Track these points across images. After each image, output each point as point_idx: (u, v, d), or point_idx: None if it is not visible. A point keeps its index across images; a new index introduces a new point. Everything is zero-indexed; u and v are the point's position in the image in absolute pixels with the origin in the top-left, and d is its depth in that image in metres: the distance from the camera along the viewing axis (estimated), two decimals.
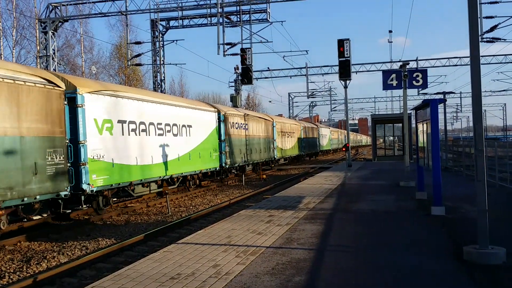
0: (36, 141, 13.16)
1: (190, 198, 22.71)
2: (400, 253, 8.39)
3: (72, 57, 44.39)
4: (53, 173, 13.60)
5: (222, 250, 8.71)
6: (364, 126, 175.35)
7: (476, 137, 7.76)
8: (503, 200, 14.56)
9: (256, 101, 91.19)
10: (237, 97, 43.78)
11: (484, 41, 28.34)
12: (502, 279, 6.86)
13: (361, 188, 19.01)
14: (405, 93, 18.36)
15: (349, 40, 27.78)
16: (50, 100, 13.75)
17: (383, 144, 53.48)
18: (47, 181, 13.40)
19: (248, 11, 30.21)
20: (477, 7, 7.99)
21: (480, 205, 7.77)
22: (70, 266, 10.58)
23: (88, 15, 31.93)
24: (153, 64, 33.94)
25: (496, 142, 22.68)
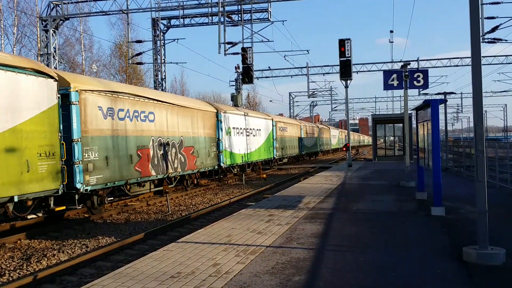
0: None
1: (190, 197, 22.71)
2: (399, 253, 8.39)
3: (73, 56, 44.45)
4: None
5: (222, 249, 8.71)
6: (364, 126, 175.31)
7: (476, 137, 7.76)
8: (503, 201, 14.56)
9: (256, 100, 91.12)
10: (238, 97, 43.79)
11: (486, 41, 28.36)
12: (502, 280, 6.87)
13: (361, 188, 19.01)
14: (406, 93, 18.36)
15: (350, 40, 27.78)
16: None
17: (384, 144, 53.40)
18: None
19: (249, 11, 30.21)
20: (478, 8, 7.99)
21: (480, 206, 7.78)
22: (70, 264, 10.59)
23: (89, 13, 31.94)
24: (154, 63, 33.94)
25: (497, 142, 22.67)
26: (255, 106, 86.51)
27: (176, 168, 21.48)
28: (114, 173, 16.66)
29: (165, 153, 20.53)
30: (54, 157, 13.62)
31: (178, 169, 21.67)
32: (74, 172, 14.57)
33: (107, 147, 16.42)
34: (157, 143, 19.87)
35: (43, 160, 13.20)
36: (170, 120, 21.26)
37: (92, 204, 16.44)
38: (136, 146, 18.30)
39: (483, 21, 25.71)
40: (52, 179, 13.51)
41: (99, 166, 15.75)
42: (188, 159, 22.69)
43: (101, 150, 15.98)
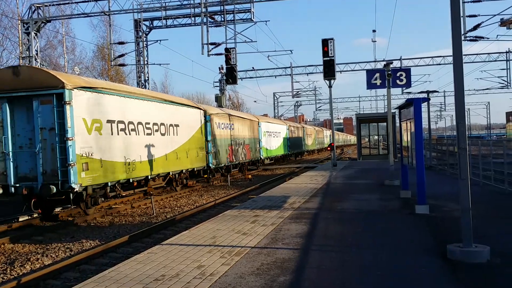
0: None
1: (175, 199, 22.62)
2: (384, 252, 8.40)
3: (55, 58, 44.05)
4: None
5: (207, 251, 8.66)
6: (349, 125, 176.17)
7: (459, 135, 7.79)
8: (487, 198, 14.67)
9: (239, 101, 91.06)
10: (222, 97, 43.70)
11: (468, 39, 28.60)
12: (486, 278, 6.89)
13: (346, 187, 19.05)
14: (389, 92, 18.43)
15: (333, 40, 27.84)
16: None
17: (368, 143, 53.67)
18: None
19: (232, 11, 30.14)
20: (459, 6, 8.03)
21: (464, 203, 7.81)
22: (54, 268, 10.48)
23: (71, 15, 31.64)
24: (137, 65, 33.74)
25: (480, 140, 22.86)
26: (238, 107, 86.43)
27: (244, 156, 34.77)
28: (221, 159, 29.41)
29: (237, 147, 32.73)
30: (203, 150, 26.42)
31: (244, 158, 34.73)
32: (209, 157, 27.17)
33: (221, 143, 29.43)
34: (235, 141, 32.42)
35: (200, 151, 25.87)
36: (237, 127, 33.24)
37: (212, 174, 29.28)
38: (226, 144, 30.59)
39: (465, 19, 25.90)
40: (203, 161, 26.48)
41: (216, 154, 28.34)
42: (247, 152, 35.59)
43: (215, 146, 28.27)
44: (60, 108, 14.87)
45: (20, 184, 15.26)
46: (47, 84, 14.95)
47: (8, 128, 15.30)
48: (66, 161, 14.82)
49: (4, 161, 15.31)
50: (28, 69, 16.09)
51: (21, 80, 15.10)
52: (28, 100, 15.12)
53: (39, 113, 15.05)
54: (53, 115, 14.90)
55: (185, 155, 23.91)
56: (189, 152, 24.38)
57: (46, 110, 15.00)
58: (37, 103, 15.03)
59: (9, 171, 15.28)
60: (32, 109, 15.13)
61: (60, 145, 14.86)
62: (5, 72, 15.83)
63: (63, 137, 14.85)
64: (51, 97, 14.90)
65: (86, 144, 15.60)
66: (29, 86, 14.99)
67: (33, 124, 15.16)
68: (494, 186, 16.44)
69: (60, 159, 14.87)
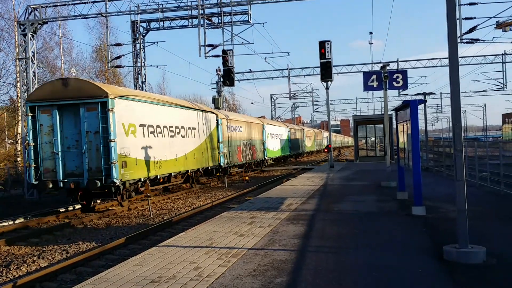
0: None
1: (172, 201, 22.61)
2: (381, 253, 8.42)
3: (52, 60, 43.97)
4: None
5: (204, 253, 8.67)
6: (346, 127, 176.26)
7: (455, 137, 7.82)
8: (483, 200, 14.70)
9: (235, 103, 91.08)
10: (219, 99, 43.70)
11: (464, 42, 28.62)
12: (482, 279, 6.91)
13: (343, 189, 19.07)
14: (386, 94, 18.47)
15: (330, 42, 27.85)
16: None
17: (365, 145, 53.74)
18: None
19: (229, 13, 30.09)
20: (455, 9, 8.06)
21: (460, 205, 7.84)
22: (50, 270, 10.48)
23: (68, 16, 31.57)
24: (134, 66, 33.71)
25: (476, 142, 22.89)
26: (235, 109, 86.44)
27: (251, 157, 37.60)
28: (231, 158, 32.18)
29: (244, 148, 35.75)
30: (216, 150, 28.98)
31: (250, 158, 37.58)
32: (220, 157, 29.61)
33: (230, 144, 32.17)
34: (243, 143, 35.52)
35: (213, 152, 28.59)
36: (244, 130, 36.26)
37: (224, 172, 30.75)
38: (236, 145, 33.46)
39: (461, 21, 25.94)
40: (216, 160, 29.04)
41: (227, 154, 31.02)
42: (254, 153, 38.47)
43: (225, 147, 30.80)
44: (104, 114, 17.44)
45: (67, 179, 17.79)
46: (93, 94, 17.55)
47: (57, 131, 17.89)
48: (109, 159, 17.34)
49: (54, 159, 17.92)
50: (76, 81, 18.72)
51: (69, 90, 17.72)
52: (75, 107, 17.69)
53: (86, 119, 17.62)
54: (98, 120, 17.45)
55: (201, 155, 26.68)
56: (204, 152, 27.21)
57: (91, 116, 17.59)
58: (84, 110, 17.61)
59: (58, 168, 17.86)
60: (79, 115, 17.69)
61: (104, 146, 17.39)
62: (55, 83, 18.56)
63: (106, 139, 17.38)
64: (96, 105, 17.46)
65: (124, 145, 18.15)
66: (76, 95, 17.61)
67: (79, 128, 17.72)
68: (490, 187, 16.49)
69: (104, 158, 17.39)
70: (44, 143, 18.03)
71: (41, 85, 20.90)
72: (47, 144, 18.00)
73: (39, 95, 18.24)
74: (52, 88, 18.23)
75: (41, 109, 18.03)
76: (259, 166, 42.38)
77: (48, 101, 17.87)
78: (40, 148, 18.06)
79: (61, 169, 17.83)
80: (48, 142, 17.98)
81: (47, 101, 17.87)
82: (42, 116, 18.02)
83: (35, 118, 18.07)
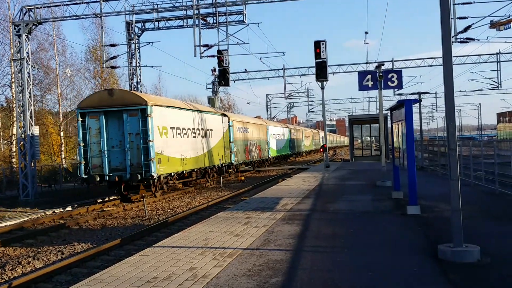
0: None
1: (168, 201, 22.61)
2: (376, 253, 8.43)
3: (46, 60, 43.85)
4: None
5: (199, 253, 8.66)
6: (342, 127, 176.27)
7: (449, 136, 7.84)
8: (478, 199, 14.73)
9: (230, 103, 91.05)
10: (215, 99, 43.69)
11: (458, 41, 28.69)
12: (477, 278, 6.93)
13: (338, 188, 19.09)
14: (381, 93, 18.50)
15: (325, 42, 27.88)
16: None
17: (361, 145, 53.89)
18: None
19: (224, 13, 30.10)
20: (449, 8, 8.08)
21: (454, 204, 7.86)
22: (45, 271, 10.48)
23: (62, 17, 31.51)
24: (129, 67, 33.67)
25: (471, 141, 22.96)
26: (230, 109, 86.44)
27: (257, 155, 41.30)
28: (240, 157, 35.75)
29: (251, 147, 39.21)
30: (228, 149, 32.26)
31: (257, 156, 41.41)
32: (232, 155, 33.23)
33: (239, 143, 35.67)
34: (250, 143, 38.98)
35: (226, 150, 31.90)
36: (251, 131, 39.79)
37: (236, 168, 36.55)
38: (244, 145, 37.03)
39: (455, 21, 26.00)
40: (228, 158, 32.33)
41: (237, 153, 34.59)
42: (259, 152, 42.04)
43: (236, 146, 34.42)
44: (143, 119, 21.03)
45: (112, 173, 21.22)
46: (134, 102, 21.20)
47: (104, 133, 21.32)
48: (148, 156, 20.90)
49: (101, 157, 21.35)
50: (119, 91, 22.71)
51: (114, 99, 21.31)
52: (119, 113, 21.23)
53: (128, 123, 21.14)
54: (139, 124, 21.05)
55: (217, 154, 30.47)
56: (219, 151, 31.01)
57: (133, 121, 21.13)
58: (127, 115, 21.16)
59: (104, 164, 21.31)
60: (122, 119, 21.22)
61: (144, 145, 20.96)
62: (102, 93, 22.66)
63: (146, 139, 20.96)
64: (137, 111, 21.06)
65: (159, 145, 21.74)
66: (120, 103, 21.17)
67: (122, 130, 21.24)
68: (485, 187, 16.52)
69: (144, 155, 20.92)
70: (92, 143, 21.50)
71: (89, 95, 25.40)
72: (95, 144, 21.48)
73: (88, 103, 21.94)
74: (100, 97, 22.04)
75: (90, 115, 21.53)
76: (263, 164, 45.86)
77: (96, 108, 21.41)
78: (89, 148, 21.50)
79: (107, 165, 21.28)
80: (96, 143, 21.46)
81: (95, 108, 21.42)
82: (91, 120, 21.51)
83: (85, 122, 21.58)
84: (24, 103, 26.96)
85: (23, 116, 27.17)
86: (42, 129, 43.51)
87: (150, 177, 21.02)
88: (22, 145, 27.44)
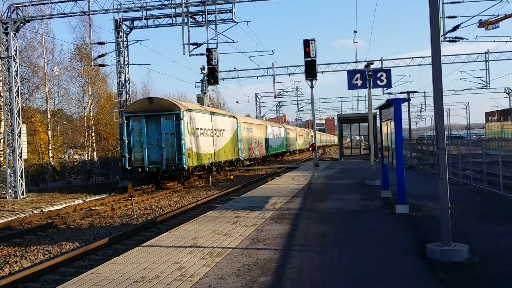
0: None
1: (156, 200, 22.52)
2: (365, 252, 8.43)
3: (34, 59, 43.52)
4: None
5: (188, 252, 8.61)
6: (331, 126, 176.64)
7: (438, 135, 7.85)
8: (466, 198, 14.80)
9: (219, 101, 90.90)
10: (204, 98, 43.55)
11: (447, 40, 28.80)
12: (465, 276, 6.95)
13: (328, 187, 19.11)
14: (370, 92, 18.54)
15: (314, 41, 27.94)
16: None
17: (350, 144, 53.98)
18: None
19: (213, 11, 29.95)
20: (438, 7, 8.09)
21: (443, 203, 7.87)
22: (33, 270, 10.38)
23: (50, 15, 31.23)
24: (118, 65, 33.46)
25: (460, 140, 23.07)
26: (219, 107, 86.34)
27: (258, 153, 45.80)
28: (247, 153, 40.72)
29: (254, 145, 43.70)
30: (236, 147, 36.91)
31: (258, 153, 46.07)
32: (239, 152, 38.06)
33: (245, 142, 40.14)
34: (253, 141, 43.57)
35: (235, 148, 36.85)
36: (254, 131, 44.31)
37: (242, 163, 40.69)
38: (249, 143, 41.80)
39: (444, 20, 26.08)
40: (237, 155, 37.33)
41: (243, 150, 38.99)
42: (260, 149, 47.04)
43: (242, 143, 39.10)
44: (177, 122, 26.12)
45: (151, 166, 26.26)
46: (170, 108, 26.52)
47: (144, 133, 26.31)
48: (181, 152, 26.00)
49: (142, 152, 26.32)
50: (158, 99, 28.02)
51: (153, 105, 26.58)
52: (157, 117, 26.27)
53: (164, 124, 26.21)
54: (173, 125, 26.19)
55: (228, 150, 35.68)
56: (230, 148, 36.22)
57: (168, 123, 26.22)
58: (163, 119, 26.21)
59: (145, 158, 26.31)
60: (159, 122, 26.32)
61: (177, 143, 26.07)
62: (143, 101, 28.32)
63: (179, 138, 26.07)
64: (172, 115, 26.17)
65: (188, 142, 26.79)
66: (158, 109, 26.36)
67: (160, 130, 26.30)
68: (474, 186, 16.60)
69: (177, 151, 26.05)
70: (135, 141, 26.36)
71: (133, 102, 31.21)
72: (137, 142, 26.37)
73: (132, 109, 27.29)
74: (141, 104, 27.53)
75: (133, 118, 26.45)
76: (264, 160, 50.92)
77: (138, 112, 26.47)
78: (132, 145, 26.34)
79: (146, 159, 26.24)
80: (138, 140, 26.36)
81: (138, 113, 26.44)
82: (134, 122, 26.39)
83: (129, 124, 26.39)
84: (12, 101, 26.70)
85: (10, 114, 26.92)
86: (29, 128, 43.16)
87: (182, 169, 26.23)
88: (9, 143, 27.20)
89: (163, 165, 25.91)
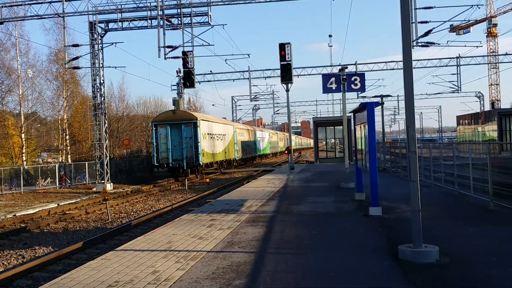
0: None
1: (131, 204, 22.39)
2: (338, 254, 8.53)
3: (8, 61, 42.86)
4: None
5: (162, 256, 8.62)
6: (307, 129, 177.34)
7: (409, 139, 7.99)
8: (438, 200, 15.03)
9: (198, 105, 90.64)
10: (180, 101, 43.43)
11: (419, 45, 29.29)
12: (435, 277, 7.09)
13: (303, 190, 19.23)
14: (344, 96, 18.72)
15: (290, 44, 28.09)
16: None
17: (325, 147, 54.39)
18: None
19: (189, 14, 29.98)
20: (409, 14, 8.25)
21: (414, 205, 8.01)
22: (5, 276, 10.28)
23: (24, 17, 30.94)
24: (92, 67, 33.21)
25: (431, 143, 23.40)
26: (197, 110, 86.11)
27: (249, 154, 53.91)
28: (244, 154, 52.76)
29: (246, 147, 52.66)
30: (234, 148, 46.90)
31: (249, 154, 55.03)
32: (235, 153, 48.03)
33: (239, 144, 49.62)
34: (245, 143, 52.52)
35: (233, 149, 46.82)
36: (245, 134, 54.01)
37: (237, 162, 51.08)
38: (242, 145, 50.13)
39: (416, 25, 26.53)
40: (234, 155, 46.86)
41: (238, 151, 49.98)
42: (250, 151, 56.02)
43: (237, 146, 48.38)
44: (195, 129, 34.45)
45: (174, 162, 34.13)
46: (189, 118, 35.19)
47: (169, 137, 34.38)
48: (197, 152, 34.17)
49: (167, 152, 34.29)
50: (180, 111, 36.48)
51: (176, 116, 35.12)
52: (179, 125, 34.57)
53: (185, 131, 34.41)
54: (192, 131, 34.44)
55: (228, 151, 44.34)
56: (229, 150, 44.83)
57: (188, 129, 34.51)
58: (184, 126, 34.47)
59: (169, 156, 34.25)
60: (181, 129, 34.56)
61: (195, 145, 34.31)
62: (168, 112, 36.86)
63: (196, 141, 34.37)
64: (191, 123, 34.60)
65: (203, 144, 34.99)
66: (180, 119, 34.74)
67: (181, 135, 34.49)
68: (445, 188, 16.88)
69: (195, 151, 34.22)
70: (161, 144, 34.53)
71: (160, 113, 41.03)
72: (163, 144, 34.49)
73: (159, 118, 36.05)
74: (166, 114, 36.46)
75: (160, 125, 34.74)
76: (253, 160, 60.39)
77: (164, 121, 34.90)
78: (159, 146, 34.48)
79: (170, 157, 34.17)
80: (164, 143, 34.50)
81: (164, 121, 34.86)
82: (161, 129, 34.60)
83: (157, 130, 34.60)
84: None
85: None
86: (2, 131, 42.48)
87: (198, 165, 34.65)
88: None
89: (184, 162, 33.47)
